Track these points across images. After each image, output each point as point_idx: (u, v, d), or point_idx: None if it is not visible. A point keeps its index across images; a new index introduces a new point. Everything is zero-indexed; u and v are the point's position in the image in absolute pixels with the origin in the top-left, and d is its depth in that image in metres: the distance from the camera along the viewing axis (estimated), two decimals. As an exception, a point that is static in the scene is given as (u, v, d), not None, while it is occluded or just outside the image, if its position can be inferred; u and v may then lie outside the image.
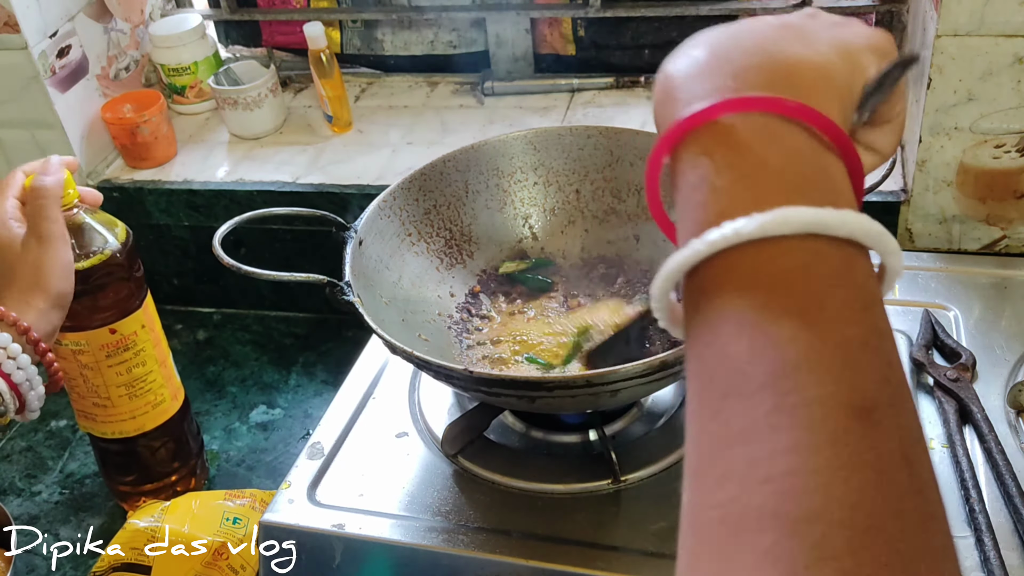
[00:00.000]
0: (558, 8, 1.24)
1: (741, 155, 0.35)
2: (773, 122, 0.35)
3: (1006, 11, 0.85)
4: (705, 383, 0.33)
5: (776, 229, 0.32)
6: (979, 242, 0.99)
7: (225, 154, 1.23)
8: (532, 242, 0.94)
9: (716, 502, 0.30)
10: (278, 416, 1.08)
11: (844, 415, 0.30)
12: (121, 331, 0.85)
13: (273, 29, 1.37)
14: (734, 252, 0.33)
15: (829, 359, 0.31)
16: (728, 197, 0.34)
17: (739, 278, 0.33)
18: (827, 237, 0.33)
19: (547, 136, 0.92)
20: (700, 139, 0.36)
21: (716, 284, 0.33)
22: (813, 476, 0.29)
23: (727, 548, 0.29)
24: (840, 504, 0.28)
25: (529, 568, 0.70)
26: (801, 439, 0.30)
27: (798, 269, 0.32)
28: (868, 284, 0.33)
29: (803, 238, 0.32)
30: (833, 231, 0.33)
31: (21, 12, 1.08)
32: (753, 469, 0.30)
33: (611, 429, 0.81)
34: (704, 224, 0.34)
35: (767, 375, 0.31)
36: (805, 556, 0.28)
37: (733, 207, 0.33)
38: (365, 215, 0.84)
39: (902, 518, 0.29)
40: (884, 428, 0.30)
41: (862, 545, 0.28)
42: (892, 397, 0.31)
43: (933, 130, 0.94)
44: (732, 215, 0.33)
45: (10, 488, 1.02)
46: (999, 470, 0.72)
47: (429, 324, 0.86)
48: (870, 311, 0.33)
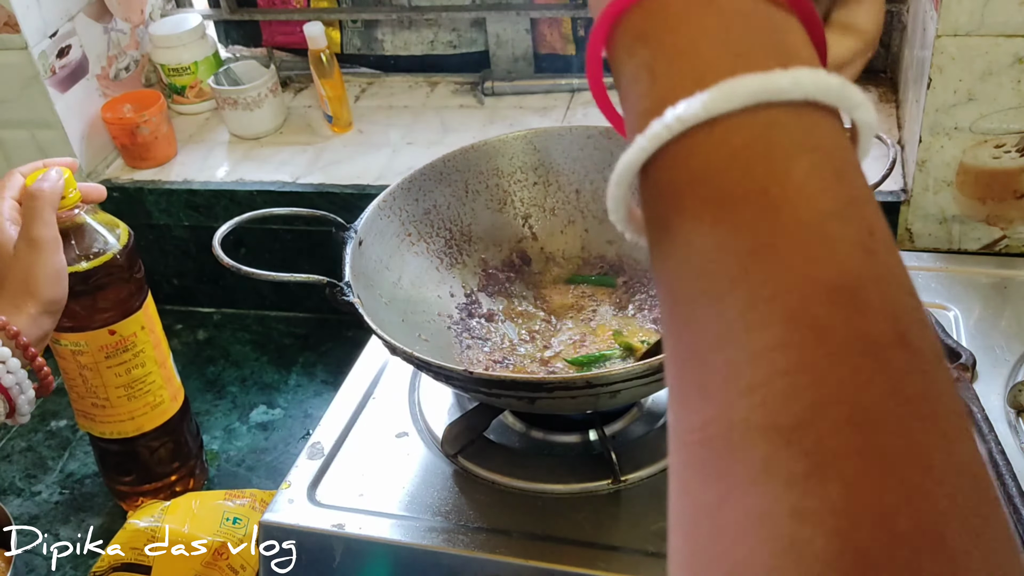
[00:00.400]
0: (558, 8, 1.24)
1: (676, 30, 0.30)
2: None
3: (1006, 11, 0.85)
4: (673, 290, 0.30)
5: (722, 106, 0.28)
6: (979, 242, 0.99)
7: (225, 154, 1.23)
8: (532, 242, 0.94)
9: (697, 424, 0.27)
10: (278, 416, 1.08)
11: (825, 299, 0.26)
12: (121, 332, 0.85)
13: (273, 29, 1.37)
14: (683, 141, 0.29)
15: (801, 237, 0.27)
16: (668, 80, 0.30)
17: (692, 168, 0.29)
18: (782, 104, 0.29)
19: (547, 136, 0.92)
20: (633, 22, 0.32)
21: (669, 179, 0.30)
22: (798, 376, 0.26)
23: (716, 469, 0.26)
24: (834, 401, 0.25)
25: (529, 568, 0.70)
26: (779, 335, 0.26)
27: (754, 144, 0.28)
28: (838, 148, 0.29)
29: (755, 110, 0.28)
30: (787, 95, 0.28)
31: (21, 12, 1.08)
32: (732, 379, 0.27)
33: (611, 429, 0.81)
34: (647, 115, 0.30)
35: (736, 268, 0.28)
36: (804, 465, 0.25)
37: (674, 91, 0.29)
38: (365, 215, 0.84)
39: (907, 404, 0.25)
40: (872, 307, 0.27)
41: (865, 442, 0.25)
42: (877, 271, 0.27)
43: (933, 130, 0.94)
44: (674, 100, 0.29)
45: (10, 488, 1.02)
46: (999, 470, 0.72)
47: (429, 324, 0.86)
48: (843, 177, 0.29)
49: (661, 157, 0.30)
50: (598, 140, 0.91)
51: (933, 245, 1.01)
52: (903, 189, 1.00)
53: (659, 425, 0.81)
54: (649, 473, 0.76)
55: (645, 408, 0.83)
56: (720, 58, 0.29)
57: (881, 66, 1.20)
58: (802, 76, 0.28)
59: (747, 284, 0.27)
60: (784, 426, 0.25)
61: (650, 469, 0.76)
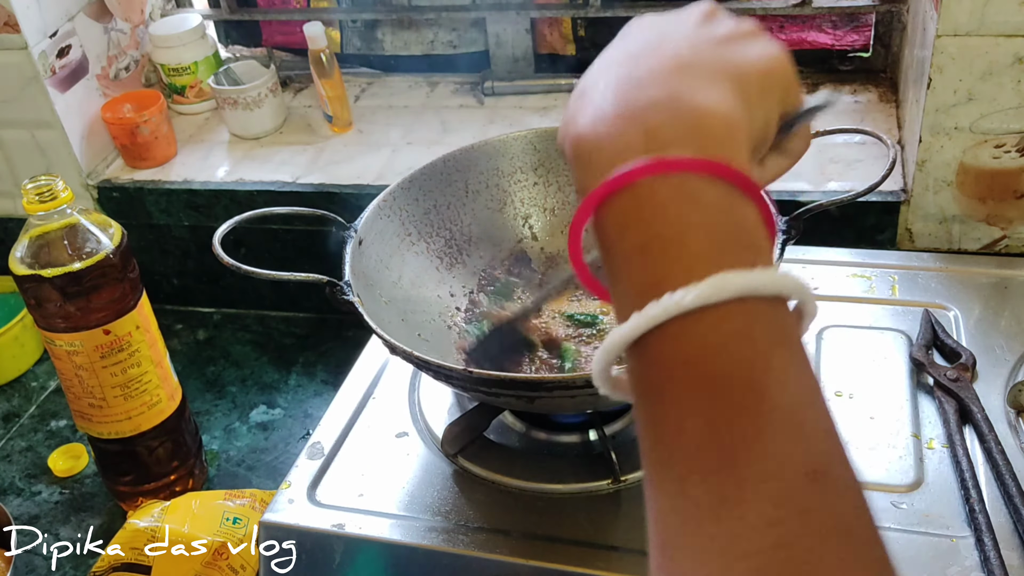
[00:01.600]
0: (558, 8, 1.24)
1: (665, 220, 0.36)
2: (690, 180, 0.36)
3: (1006, 11, 0.85)
4: (664, 458, 0.34)
5: (714, 297, 0.33)
6: (979, 242, 0.99)
7: (225, 154, 1.23)
8: (532, 242, 0.94)
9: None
10: (278, 416, 1.08)
11: (804, 483, 0.32)
12: (115, 332, 0.85)
13: (273, 29, 1.37)
14: (674, 322, 0.34)
15: (781, 425, 0.32)
16: (661, 267, 0.35)
17: (683, 349, 0.34)
18: (760, 297, 0.34)
19: (547, 136, 0.92)
20: (622, 205, 0.36)
21: (661, 356, 0.35)
22: (785, 549, 0.31)
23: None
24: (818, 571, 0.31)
25: (529, 568, 0.70)
26: (768, 513, 0.31)
27: (739, 334, 0.34)
28: (797, 336, 0.36)
29: (740, 302, 0.34)
30: (765, 291, 0.34)
31: (21, 12, 1.09)
32: (729, 546, 0.31)
33: (611, 429, 0.81)
34: (640, 295, 0.35)
35: (726, 451, 0.32)
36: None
37: (668, 278, 0.34)
38: (365, 215, 0.84)
39: (870, 568, 0.32)
40: (838, 488, 0.33)
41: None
42: (837, 452, 0.33)
43: (933, 130, 0.94)
44: (666, 285, 0.34)
45: (10, 488, 1.02)
46: (999, 470, 0.72)
47: (429, 324, 0.86)
48: (808, 369, 0.35)
49: (655, 334, 0.34)
50: (598, 140, 0.91)
51: (933, 245, 1.01)
52: (903, 189, 1.00)
53: (659, 425, 0.81)
54: (649, 473, 0.76)
55: (645, 408, 0.83)
56: (707, 251, 0.35)
57: (881, 66, 1.20)
58: (778, 278, 0.34)
59: (736, 465, 0.32)
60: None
61: (650, 469, 0.76)
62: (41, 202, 0.80)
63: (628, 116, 0.38)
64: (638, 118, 0.37)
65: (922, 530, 0.69)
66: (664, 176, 0.36)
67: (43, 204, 0.80)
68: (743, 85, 0.40)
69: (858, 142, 1.07)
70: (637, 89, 0.39)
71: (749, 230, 0.36)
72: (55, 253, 0.81)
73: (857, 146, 1.07)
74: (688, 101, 0.38)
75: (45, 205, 0.80)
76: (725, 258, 0.35)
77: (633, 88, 0.39)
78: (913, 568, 0.66)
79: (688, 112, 0.37)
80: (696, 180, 0.36)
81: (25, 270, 0.81)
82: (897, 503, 0.71)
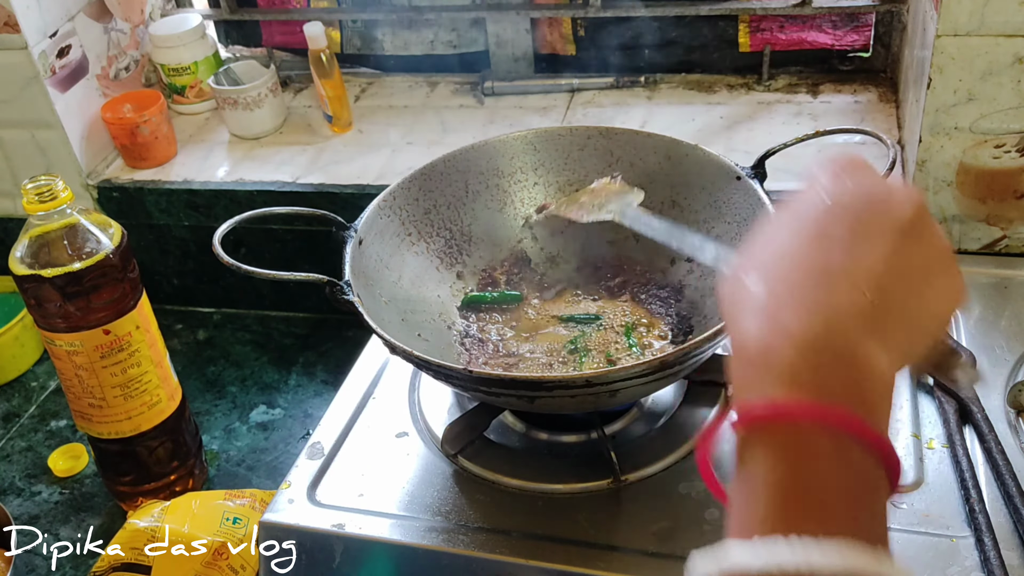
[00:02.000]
0: (558, 8, 1.24)
1: (815, 472, 0.37)
2: (846, 441, 0.37)
3: (1006, 11, 0.85)
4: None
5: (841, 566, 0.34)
6: (979, 242, 0.99)
7: (225, 154, 1.23)
8: (532, 242, 0.94)
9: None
10: (278, 416, 1.08)
11: None
12: (115, 332, 0.85)
13: (273, 29, 1.37)
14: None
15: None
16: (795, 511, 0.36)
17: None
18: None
19: (547, 136, 0.92)
20: (778, 435, 0.37)
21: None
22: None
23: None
24: None
25: (529, 568, 0.70)
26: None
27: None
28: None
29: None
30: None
31: (21, 12, 1.09)
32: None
33: (611, 429, 0.81)
34: (765, 524, 0.36)
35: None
36: None
37: (797, 524, 0.35)
38: (365, 215, 0.84)
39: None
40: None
41: None
42: None
43: (933, 130, 0.94)
44: (794, 529, 0.35)
45: (10, 488, 1.02)
46: (999, 470, 0.72)
47: (429, 324, 0.86)
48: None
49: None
50: (598, 140, 0.91)
51: (933, 245, 1.00)
52: (903, 189, 1.00)
53: (659, 425, 0.81)
54: (649, 473, 0.76)
55: (645, 408, 0.83)
56: (837, 515, 0.36)
57: (881, 66, 1.20)
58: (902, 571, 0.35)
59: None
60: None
61: (650, 469, 0.76)
62: (41, 202, 0.80)
63: (803, 347, 0.38)
64: (810, 358, 0.38)
65: (922, 530, 0.69)
66: (825, 427, 0.37)
67: (43, 204, 0.80)
68: (916, 345, 0.41)
69: (858, 142, 1.07)
70: (817, 320, 0.39)
71: (882, 503, 0.38)
72: (55, 253, 0.81)
73: (857, 146, 1.07)
74: (863, 360, 0.38)
75: (45, 205, 0.80)
76: (860, 529, 0.36)
77: (813, 316, 0.39)
78: (913, 568, 0.67)
79: (860, 372, 0.38)
80: (852, 443, 0.37)
81: (25, 270, 0.81)
82: (897, 503, 0.71)
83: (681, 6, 1.20)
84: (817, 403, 0.37)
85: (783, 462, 0.37)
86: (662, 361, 0.67)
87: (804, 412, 0.37)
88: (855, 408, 0.37)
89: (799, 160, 1.03)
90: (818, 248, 0.40)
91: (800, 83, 1.21)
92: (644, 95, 1.23)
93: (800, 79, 1.22)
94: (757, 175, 0.82)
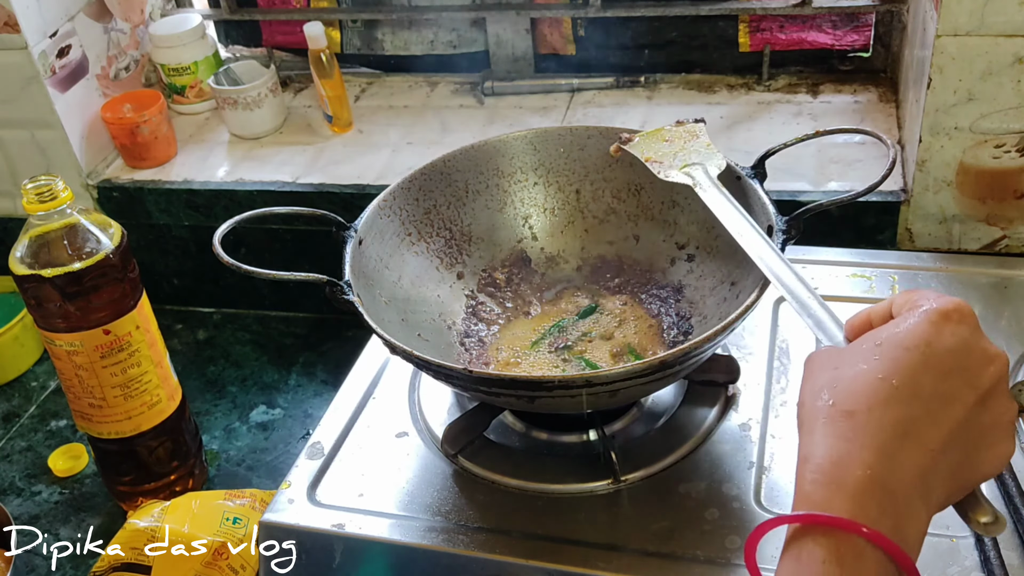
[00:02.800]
0: (558, 8, 1.25)
1: (857, 572, 0.44)
2: (882, 556, 0.44)
3: (1006, 11, 0.85)
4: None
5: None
6: (979, 242, 0.99)
7: (225, 154, 1.23)
8: (532, 242, 0.94)
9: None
10: (278, 416, 1.08)
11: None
12: (115, 332, 0.85)
13: (273, 29, 1.37)
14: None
15: None
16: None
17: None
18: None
19: (547, 136, 0.92)
20: (826, 535, 0.45)
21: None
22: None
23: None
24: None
25: (529, 568, 0.70)
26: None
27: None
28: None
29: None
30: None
31: (21, 12, 1.09)
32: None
33: (611, 429, 0.81)
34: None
35: None
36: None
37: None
38: (365, 215, 0.84)
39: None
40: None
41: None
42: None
43: (933, 130, 0.94)
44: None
45: (10, 488, 1.02)
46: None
47: (429, 324, 0.86)
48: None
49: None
50: (598, 140, 0.91)
51: (933, 245, 1.01)
52: (903, 189, 1.00)
53: (659, 425, 0.81)
54: (649, 473, 0.76)
55: (645, 408, 0.83)
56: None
57: (881, 66, 1.20)
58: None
59: None
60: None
61: (650, 469, 0.76)
62: (41, 202, 0.80)
63: (870, 482, 0.45)
64: (875, 493, 0.45)
65: (922, 530, 0.69)
66: (874, 546, 0.44)
67: (43, 204, 0.80)
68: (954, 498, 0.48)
69: (858, 142, 1.07)
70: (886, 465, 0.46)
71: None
72: (55, 253, 0.81)
73: (857, 146, 1.07)
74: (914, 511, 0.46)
75: (45, 205, 0.80)
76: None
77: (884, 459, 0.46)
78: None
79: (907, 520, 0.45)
80: (892, 566, 0.44)
81: (25, 270, 0.81)
82: (897, 503, 0.71)
83: (681, 6, 1.20)
84: (876, 531, 0.44)
85: (838, 564, 0.44)
86: (662, 361, 0.67)
87: (869, 535, 0.44)
88: (906, 549, 0.44)
89: (799, 160, 1.03)
90: (905, 396, 0.46)
91: (800, 83, 1.21)
92: (644, 95, 1.23)
93: (800, 79, 1.22)
94: (757, 175, 0.82)
